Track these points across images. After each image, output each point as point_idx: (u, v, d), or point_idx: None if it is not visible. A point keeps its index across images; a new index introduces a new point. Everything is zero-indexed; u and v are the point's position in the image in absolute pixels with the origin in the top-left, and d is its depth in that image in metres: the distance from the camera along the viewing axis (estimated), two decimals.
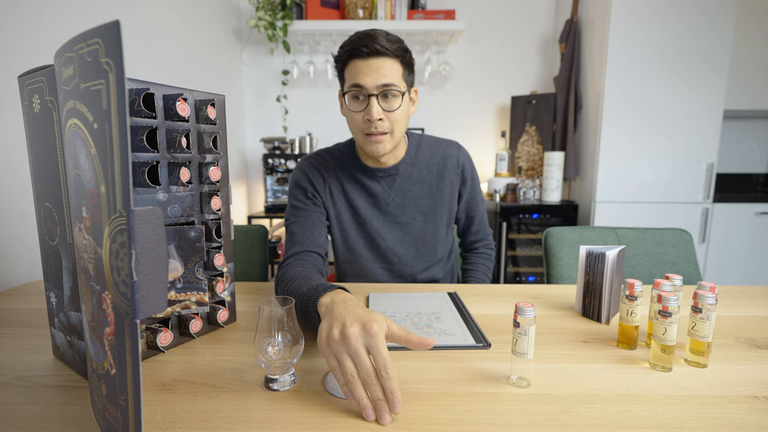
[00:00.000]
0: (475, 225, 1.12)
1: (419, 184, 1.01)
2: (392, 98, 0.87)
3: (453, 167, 1.03)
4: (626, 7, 2.02)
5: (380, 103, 0.86)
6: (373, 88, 0.85)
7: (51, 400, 0.48)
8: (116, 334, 0.34)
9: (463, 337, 0.65)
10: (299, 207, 0.97)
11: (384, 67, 0.85)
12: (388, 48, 0.85)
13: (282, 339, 0.50)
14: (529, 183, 2.41)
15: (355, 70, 0.86)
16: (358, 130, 0.90)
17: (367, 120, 0.87)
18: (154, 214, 0.31)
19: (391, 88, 0.86)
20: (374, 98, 0.85)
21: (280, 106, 2.66)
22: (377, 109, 0.86)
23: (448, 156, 1.03)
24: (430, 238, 1.03)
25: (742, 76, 2.27)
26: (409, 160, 1.01)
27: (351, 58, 0.86)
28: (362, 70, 0.85)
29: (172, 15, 1.74)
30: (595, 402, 0.47)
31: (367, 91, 0.85)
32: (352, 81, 0.86)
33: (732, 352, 0.61)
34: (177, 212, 0.61)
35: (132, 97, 0.53)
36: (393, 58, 0.86)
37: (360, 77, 0.85)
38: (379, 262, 1.03)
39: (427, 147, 1.03)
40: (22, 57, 1.00)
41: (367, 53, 0.84)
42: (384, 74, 0.85)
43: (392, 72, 0.86)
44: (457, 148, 1.05)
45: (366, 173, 0.99)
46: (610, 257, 0.70)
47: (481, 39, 2.60)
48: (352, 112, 0.89)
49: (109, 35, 0.30)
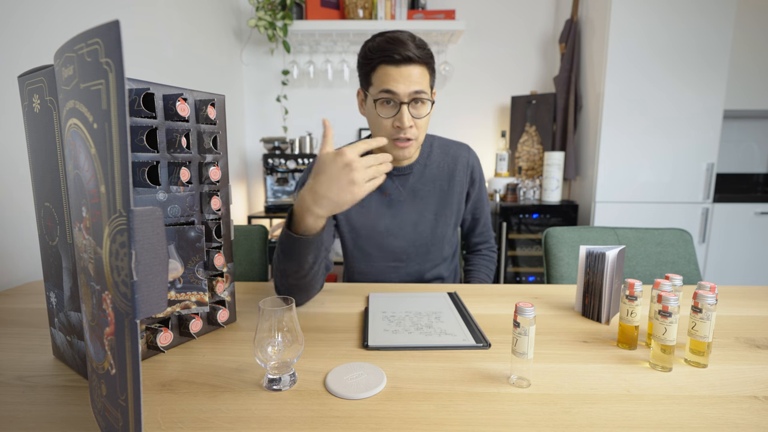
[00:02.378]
0: (479, 227, 1.14)
1: (431, 183, 1.03)
2: (421, 106, 0.89)
3: (463, 168, 1.04)
4: (626, 7, 2.02)
5: (410, 111, 0.88)
6: (405, 96, 0.86)
7: (51, 400, 0.48)
8: (116, 334, 0.34)
9: (463, 337, 0.65)
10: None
11: (414, 74, 0.86)
12: (419, 56, 0.85)
13: (282, 339, 0.50)
14: (529, 183, 2.41)
15: (385, 76, 0.86)
16: (386, 135, 0.91)
17: (396, 126, 0.88)
18: (154, 214, 0.31)
19: (421, 96, 0.87)
20: (405, 106, 0.86)
21: (280, 106, 2.66)
22: (408, 117, 0.87)
23: (459, 157, 1.05)
24: (439, 237, 1.04)
25: (742, 76, 2.27)
26: (422, 160, 1.03)
27: (382, 63, 0.86)
28: (394, 77, 0.85)
29: (172, 15, 1.74)
30: (595, 402, 0.47)
31: (399, 99, 0.86)
32: (384, 86, 0.86)
33: (732, 352, 0.61)
34: (177, 212, 0.61)
35: (132, 97, 0.53)
36: (423, 66, 0.87)
37: (392, 84, 0.85)
38: (389, 260, 1.04)
39: (439, 148, 1.05)
40: (22, 57, 1.00)
41: (399, 60, 0.84)
42: (415, 82, 0.86)
43: (422, 79, 0.87)
44: (467, 150, 1.07)
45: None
46: (610, 257, 0.70)
47: (481, 39, 2.60)
48: (380, 118, 0.89)
49: (109, 35, 0.30)
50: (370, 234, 1.02)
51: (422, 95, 0.87)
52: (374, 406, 0.47)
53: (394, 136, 0.90)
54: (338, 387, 0.50)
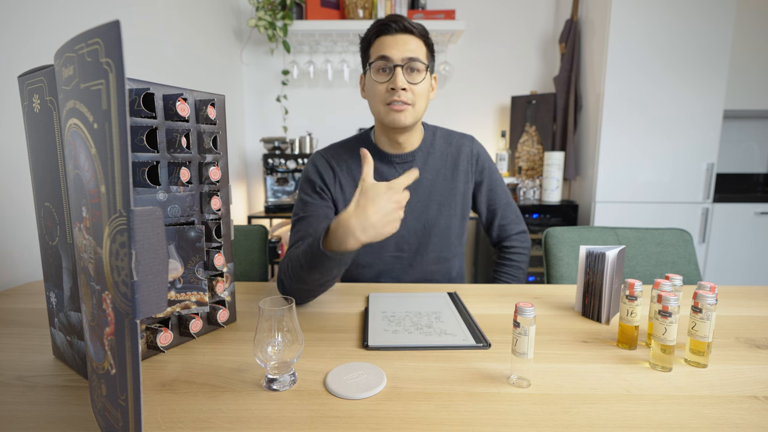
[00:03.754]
0: (498, 219, 1.10)
1: (434, 172, 1.03)
2: (416, 72, 0.91)
3: (467, 157, 1.04)
4: (626, 7, 2.02)
5: (405, 75, 0.90)
6: (398, 60, 0.89)
7: (51, 400, 0.48)
8: (116, 334, 0.34)
9: (463, 337, 0.65)
10: (307, 201, 0.98)
11: (410, 42, 0.89)
12: (415, 27, 0.90)
13: (282, 339, 0.50)
14: (529, 183, 2.41)
15: (381, 45, 0.90)
16: (381, 101, 0.92)
17: (391, 89, 0.90)
18: (154, 214, 0.31)
19: (416, 62, 0.89)
20: (399, 68, 0.89)
21: (280, 106, 2.66)
22: (402, 79, 0.89)
23: (462, 146, 1.05)
24: (444, 227, 1.03)
25: (742, 76, 2.27)
26: (425, 148, 1.03)
27: (379, 35, 0.90)
28: (389, 44, 0.89)
29: (172, 15, 1.74)
30: (595, 402, 0.47)
31: (393, 62, 0.89)
32: (379, 53, 0.90)
33: (732, 352, 0.61)
34: (177, 212, 0.61)
35: (132, 97, 0.53)
36: (419, 38, 0.91)
37: (387, 50, 0.89)
38: (392, 250, 1.03)
39: (442, 137, 1.06)
40: (22, 57, 1.00)
41: (395, 29, 0.89)
42: (410, 49, 0.89)
43: (418, 48, 0.90)
44: (471, 139, 1.08)
45: (383, 160, 1.01)
46: (610, 257, 0.70)
47: (481, 39, 2.60)
48: (375, 83, 0.92)
49: (109, 35, 0.30)
50: None
51: (417, 63, 0.89)
52: (374, 406, 0.47)
53: (388, 100, 0.91)
54: (338, 387, 0.50)
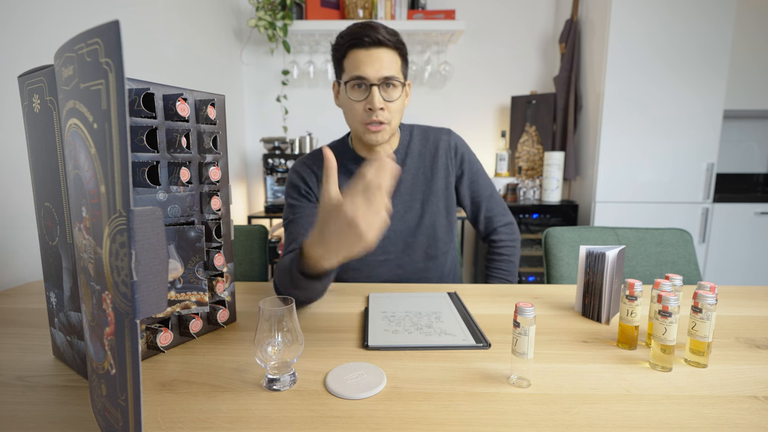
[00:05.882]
0: (483, 211, 1.09)
1: (413, 172, 1.03)
2: (392, 89, 0.90)
3: (445, 151, 1.04)
4: (626, 7, 2.02)
5: (381, 93, 0.89)
6: (375, 79, 0.87)
7: (51, 400, 0.48)
8: (116, 334, 0.34)
9: (463, 337, 0.65)
10: (295, 205, 0.98)
11: (384, 58, 0.87)
12: (389, 39, 0.87)
13: (282, 339, 0.50)
14: (529, 183, 2.41)
15: (356, 61, 0.88)
16: (358, 120, 0.92)
17: (368, 109, 0.89)
18: (154, 214, 0.31)
19: (392, 80, 0.88)
20: (376, 88, 0.87)
21: (280, 106, 2.66)
22: (379, 98, 0.88)
23: (440, 141, 1.05)
24: (429, 225, 1.03)
25: (742, 76, 2.27)
26: (402, 149, 1.03)
27: (352, 47, 0.88)
28: (364, 60, 0.87)
29: (172, 15, 1.74)
30: (595, 402, 0.47)
31: (369, 81, 0.87)
32: (354, 72, 0.88)
33: (732, 352, 0.61)
34: (177, 212, 0.61)
35: (132, 97, 0.53)
36: (393, 50, 0.89)
37: (362, 68, 0.87)
38: (377, 254, 1.03)
39: (419, 135, 1.05)
40: (22, 57, 1.00)
41: (369, 43, 0.86)
42: (385, 66, 0.87)
43: (392, 63, 0.89)
44: (448, 132, 1.06)
45: (360, 164, 1.00)
46: (610, 257, 0.70)
47: (481, 39, 2.60)
48: (352, 102, 0.90)
49: (109, 35, 0.30)
50: None
51: (393, 80, 0.89)
52: (374, 406, 0.47)
53: (366, 120, 0.90)
54: (338, 387, 0.50)
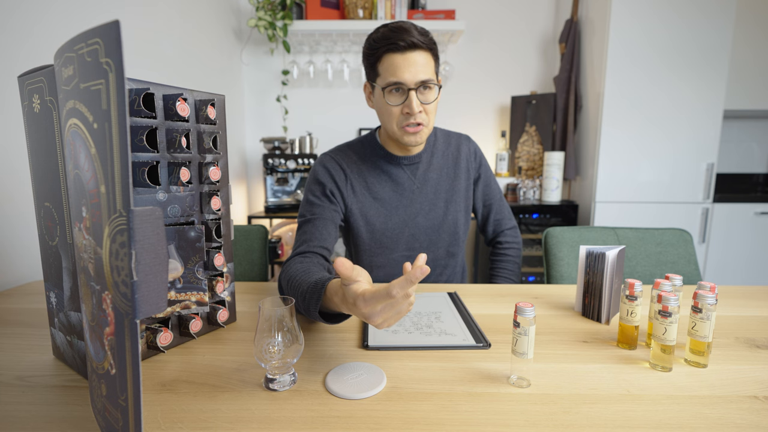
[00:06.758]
0: (493, 214, 1.15)
1: (438, 171, 1.06)
2: (428, 91, 0.91)
3: (466, 155, 1.09)
4: (626, 7, 2.02)
5: (418, 96, 0.90)
6: (412, 84, 0.88)
7: (51, 400, 0.48)
8: (116, 334, 0.34)
9: (463, 337, 0.65)
10: (315, 203, 0.97)
11: (420, 61, 0.88)
12: (422, 41, 0.87)
13: (282, 339, 0.50)
14: (529, 183, 2.41)
15: (392, 66, 0.88)
16: (395, 124, 0.93)
17: (406, 113, 0.90)
18: (154, 214, 0.31)
19: (428, 83, 0.89)
20: (413, 92, 0.88)
21: (280, 106, 2.65)
22: (417, 103, 0.89)
23: (461, 145, 1.09)
24: (451, 222, 1.06)
25: (742, 76, 2.27)
26: (429, 148, 1.06)
27: (387, 52, 0.88)
28: (400, 65, 0.87)
29: (172, 15, 1.74)
30: (595, 402, 0.47)
31: (407, 86, 0.88)
32: (391, 78, 0.88)
33: (732, 352, 0.61)
34: (177, 212, 0.61)
35: (132, 97, 0.53)
36: (427, 51, 0.89)
37: (399, 74, 0.87)
38: (403, 250, 1.05)
39: (442, 137, 1.10)
40: (22, 57, 1.00)
41: (404, 47, 0.86)
42: (421, 69, 0.88)
43: (427, 66, 0.89)
44: (468, 138, 1.12)
45: (391, 162, 1.03)
46: (610, 257, 0.70)
47: (481, 39, 2.60)
48: (389, 106, 0.91)
49: (109, 35, 0.30)
50: (386, 225, 1.03)
51: (429, 83, 0.89)
52: (374, 406, 0.47)
53: (403, 123, 0.92)
54: (338, 387, 0.50)
